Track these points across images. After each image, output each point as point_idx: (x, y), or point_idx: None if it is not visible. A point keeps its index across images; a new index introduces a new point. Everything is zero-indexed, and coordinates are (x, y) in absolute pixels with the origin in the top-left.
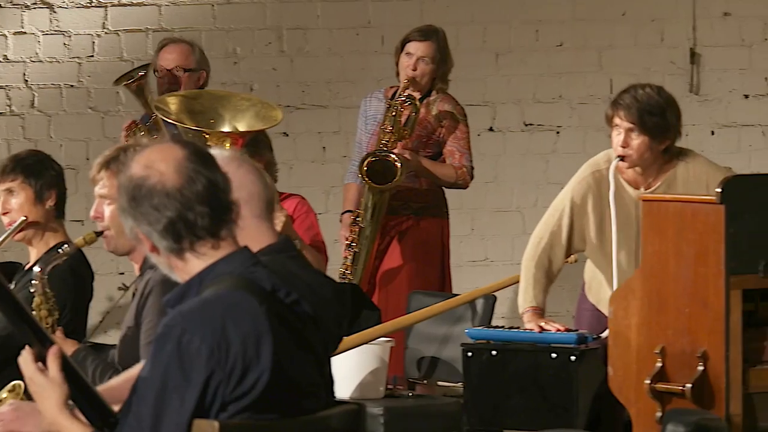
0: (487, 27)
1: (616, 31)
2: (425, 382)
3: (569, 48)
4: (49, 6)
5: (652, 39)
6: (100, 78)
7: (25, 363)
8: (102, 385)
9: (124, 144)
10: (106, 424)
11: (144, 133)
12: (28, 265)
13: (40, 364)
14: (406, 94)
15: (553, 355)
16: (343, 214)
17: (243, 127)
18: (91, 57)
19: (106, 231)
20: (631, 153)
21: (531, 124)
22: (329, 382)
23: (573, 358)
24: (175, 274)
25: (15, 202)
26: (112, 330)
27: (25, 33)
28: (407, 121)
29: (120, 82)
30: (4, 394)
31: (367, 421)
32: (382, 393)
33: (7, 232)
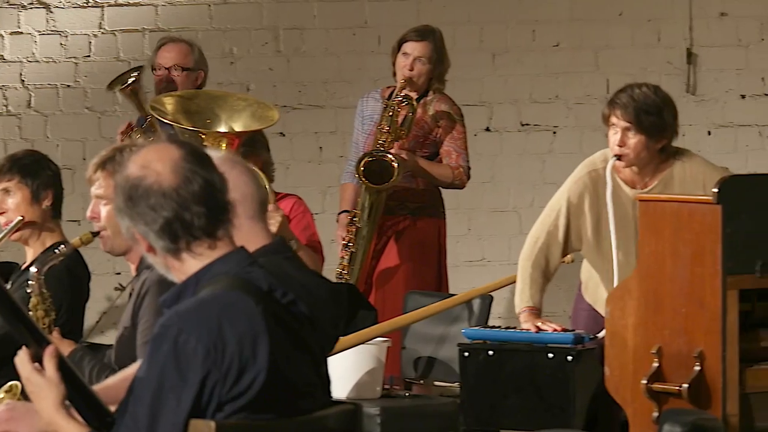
0: (483, 27)
1: (612, 31)
2: (422, 382)
3: (566, 48)
4: (46, 6)
5: (648, 39)
6: (96, 78)
7: (21, 363)
8: (98, 385)
9: (121, 144)
10: (103, 424)
11: (140, 135)
12: (24, 265)
13: (36, 365)
14: (403, 95)
15: (550, 355)
16: (339, 214)
17: (239, 127)
18: (88, 57)
19: (103, 231)
20: (627, 152)
21: (528, 124)
22: (326, 382)
23: (570, 358)
24: (171, 274)
25: (12, 202)
26: (108, 330)
27: (21, 33)
28: (404, 121)
29: (114, 87)
30: (0, 394)
31: (364, 421)
32: (378, 393)
33: (3, 232)
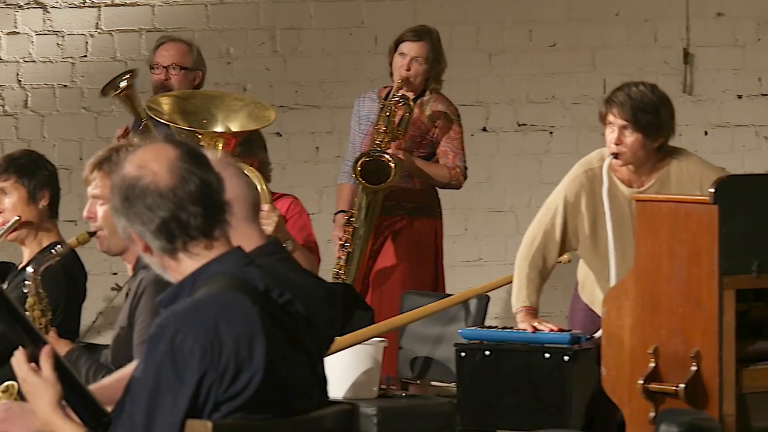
0: (480, 27)
1: (609, 32)
2: (418, 382)
3: (562, 48)
4: (43, 6)
5: (645, 39)
6: (93, 78)
7: (18, 363)
8: (94, 385)
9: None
10: (100, 424)
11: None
12: (21, 265)
13: (33, 365)
14: (399, 95)
15: (547, 355)
16: (336, 214)
17: (236, 127)
18: (85, 57)
19: (99, 231)
20: (624, 150)
21: (524, 125)
22: (322, 382)
23: (566, 358)
24: (168, 274)
25: (8, 201)
26: (105, 330)
27: (18, 33)
28: (401, 121)
29: (107, 93)
30: None
31: (361, 421)
32: (375, 393)
33: (0, 232)
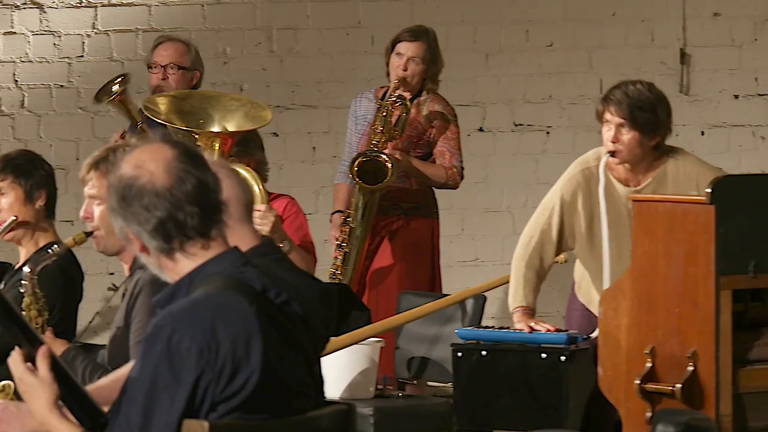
0: (477, 27)
1: (606, 32)
2: (415, 382)
3: (559, 48)
4: (39, 6)
5: (642, 39)
6: (90, 78)
7: (14, 363)
8: (91, 385)
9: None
10: (96, 424)
11: None
12: (17, 265)
13: (29, 365)
14: (396, 95)
15: (543, 355)
16: (333, 214)
17: (232, 127)
18: (81, 57)
19: (96, 231)
20: (621, 148)
21: (521, 125)
22: (319, 382)
23: (563, 358)
24: (164, 274)
25: (5, 201)
26: (102, 330)
27: (14, 33)
28: (398, 121)
29: (101, 99)
30: None
31: (357, 421)
32: (372, 393)
33: None
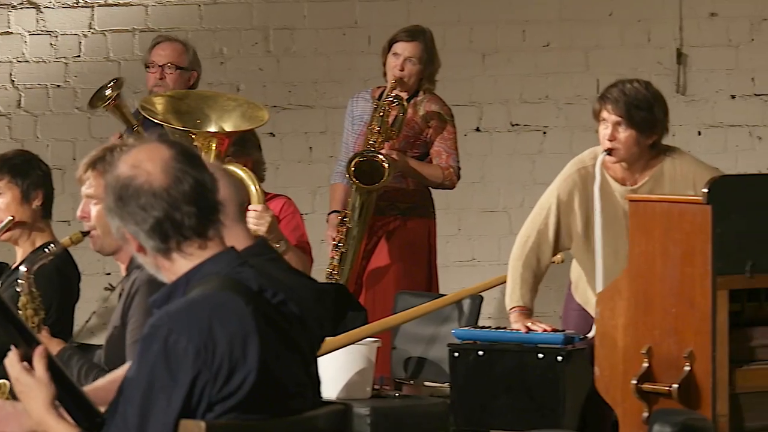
0: (473, 27)
1: (602, 32)
2: (412, 382)
3: (556, 48)
4: (36, 6)
5: (638, 39)
6: (86, 78)
7: (11, 363)
8: (88, 386)
9: (111, 144)
10: (93, 424)
11: None
12: (14, 266)
13: (26, 364)
14: (393, 95)
15: (540, 355)
16: (329, 214)
17: (229, 127)
18: (78, 57)
19: (93, 231)
20: (618, 147)
21: (518, 125)
22: (316, 382)
23: (560, 358)
24: (161, 274)
25: (1, 201)
26: (98, 331)
27: (11, 33)
28: (394, 121)
29: (95, 105)
30: None
31: (354, 421)
32: (368, 393)
33: None
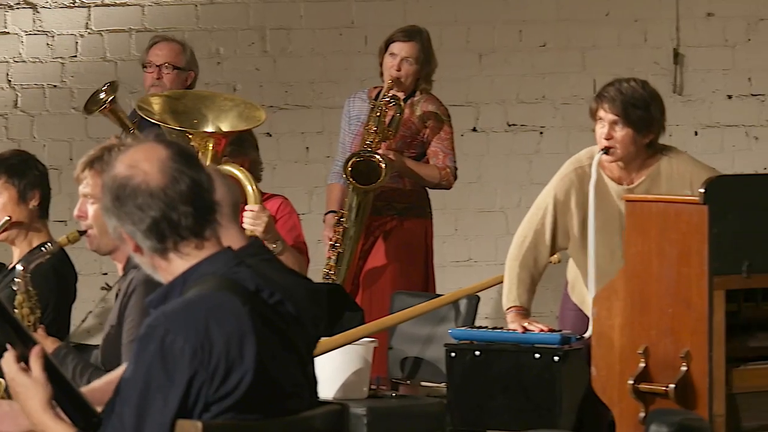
0: (470, 27)
1: (599, 32)
2: (408, 382)
3: (552, 48)
4: (32, 6)
5: (635, 39)
6: (83, 78)
7: (7, 363)
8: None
9: (109, 143)
10: (89, 424)
11: None
12: (11, 265)
13: (22, 364)
14: (390, 95)
15: (537, 355)
16: (326, 214)
17: (226, 127)
18: (75, 57)
19: (89, 230)
20: (615, 146)
21: (514, 125)
22: (312, 382)
23: (556, 358)
24: (158, 274)
25: None
26: (95, 331)
27: (8, 33)
28: (391, 121)
29: (91, 110)
30: None
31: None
32: (365, 393)
33: None
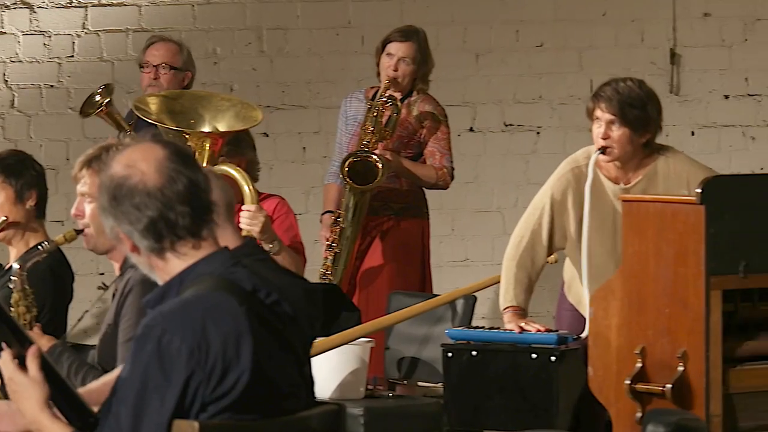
0: (467, 27)
1: (596, 32)
2: (405, 382)
3: (549, 48)
4: (29, 6)
5: (632, 39)
6: (80, 78)
7: (4, 363)
8: (82, 388)
9: (107, 143)
10: (86, 424)
11: None
12: (7, 266)
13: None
14: (387, 95)
15: (534, 355)
16: (323, 214)
17: (223, 127)
18: (71, 57)
19: (86, 229)
20: (612, 145)
21: (511, 125)
22: (309, 382)
23: (553, 358)
24: (155, 274)
25: None
26: (92, 331)
27: (5, 33)
28: (388, 121)
29: (88, 113)
30: None
31: (348, 421)
32: (362, 393)
33: None
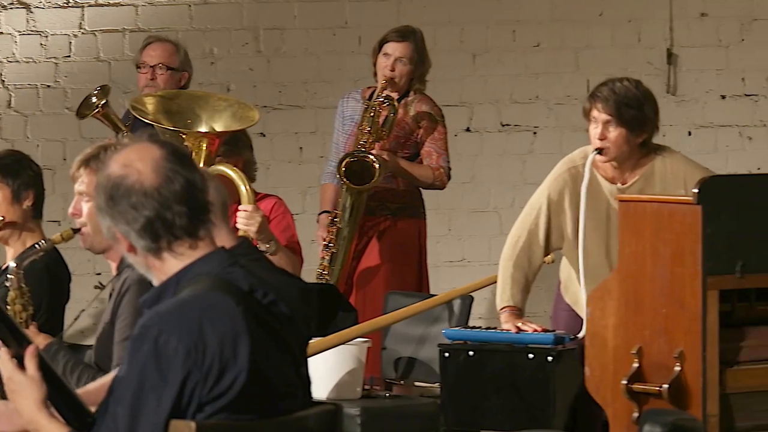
0: (464, 27)
1: (593, 32)
2: (402, 382)
3: (546, 48)
4: (26, 6)
5: (629, 39)
6: (76, 78)
7: (2, 362)
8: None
9: (105, 142)
10: (83, 424)
11: None
12: (5, 266)
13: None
14: (384, 95)
15: (530, 355)
16: (320, 214)
17: (220, 127)
18: (68, 57)
19: (83, 228)
20: (608, 145)
21: (508, 125)
22: (306, 382)
23: (550, 358)
24: (152, 273)
25: None
26: (89, 332)
27: (1, 33)
28: (385, 121)
29: (84, 114)
30: None
31: (344, 421)
32: (359, 393)
33: None
